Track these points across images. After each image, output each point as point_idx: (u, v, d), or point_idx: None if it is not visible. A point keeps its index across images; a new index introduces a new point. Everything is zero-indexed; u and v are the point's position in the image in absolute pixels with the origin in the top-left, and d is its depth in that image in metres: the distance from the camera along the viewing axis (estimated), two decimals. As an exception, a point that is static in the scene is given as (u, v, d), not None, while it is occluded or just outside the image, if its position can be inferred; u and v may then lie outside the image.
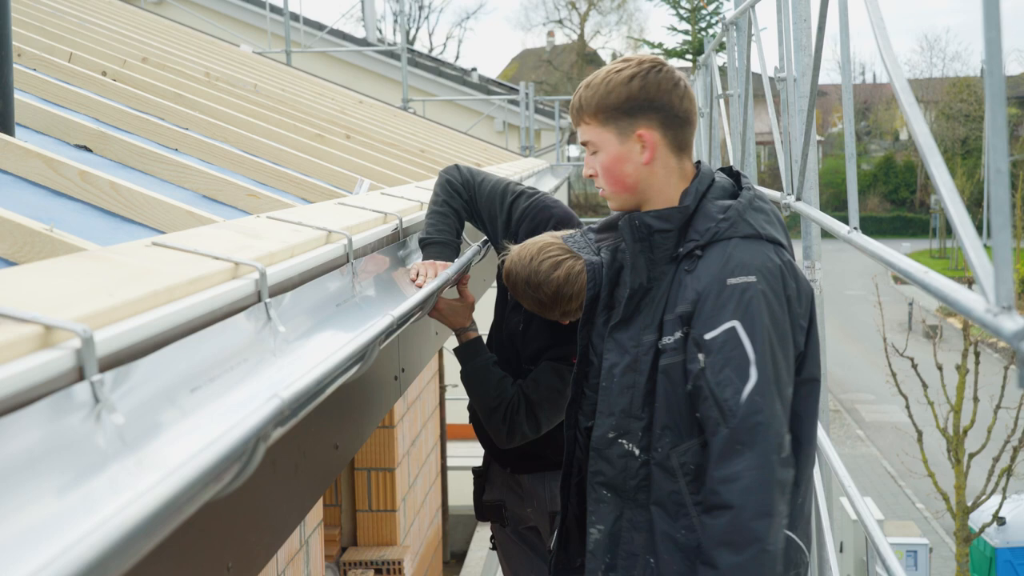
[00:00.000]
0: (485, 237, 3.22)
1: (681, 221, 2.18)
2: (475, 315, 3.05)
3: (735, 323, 2.09)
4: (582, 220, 3.11)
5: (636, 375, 2.19)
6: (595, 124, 2.23)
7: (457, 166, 3.11)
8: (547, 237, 2.81)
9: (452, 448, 8.50)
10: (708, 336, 2.09)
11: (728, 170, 2.32)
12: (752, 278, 2.11)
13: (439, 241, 2.89)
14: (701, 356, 2.10)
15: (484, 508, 3.26)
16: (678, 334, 2.14)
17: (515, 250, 2.82)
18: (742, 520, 2.03)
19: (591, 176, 2.27)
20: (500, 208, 3.01)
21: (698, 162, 2.26)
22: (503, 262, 2.87)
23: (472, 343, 2.96)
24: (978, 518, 14.13)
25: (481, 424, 3.11)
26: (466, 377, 2.96)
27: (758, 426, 2.05)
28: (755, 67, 4.76)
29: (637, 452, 2.19)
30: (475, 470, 3.31)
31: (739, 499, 2.03)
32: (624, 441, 2.20)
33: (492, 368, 2.93)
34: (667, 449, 2.15)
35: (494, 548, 3.37)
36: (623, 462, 2.20)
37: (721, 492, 2.04)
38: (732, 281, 2.11)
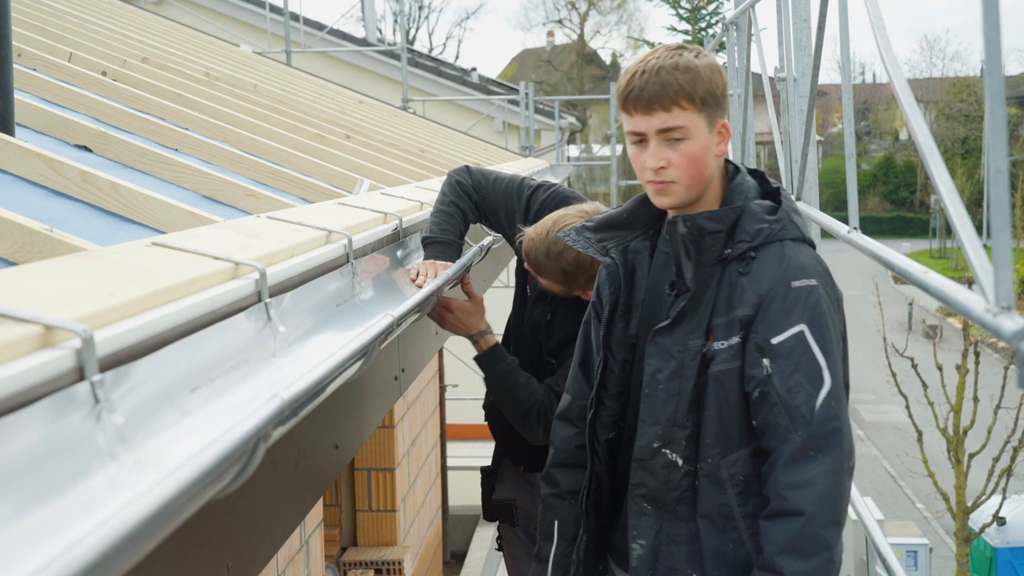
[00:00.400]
0: (486, 239, 3.23)
1: (732, 222, 2.09)
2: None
3: (803, 327, 2.02)
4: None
5: (682, 381, 2.08)
6: (692, 110, 2.04)
7: (468, 167, 3.11)
8: (559, 211, 2.81)
9: (452, 448, 8.50)
10: (776, 340, 2.02)
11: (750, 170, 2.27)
12: (814, 281, 2.07)
13: (441, 241, 2.89)
14: (766, 361, 2.02)
15: (494, 508, 3.25)
16: (735, 339, 2.05)
17: (530, 230, 2.80)
18: (814, 527, 1.97)
19: (662, 168, 2.06)
20: (518, 203, 3.03)
21: (726, 159, 2.19)
22: (521, 250, 2.86)
23: (493, 349, 2.95)
24: (978, 518, 14.13)
25: (497, 421, 3.11)
26: (493, 384, 2.94)
27: (835, 432, 2.00)
28: (755, 67, 4.77)
29: (680, 462, 2.10)
30: (484, 469, 3.29)
31: (811, 506, 1.96)
32: (668, 451, 2.11)
33: (518, 371, 2.92)
34: (717, 460, 2.07)
35: (500, 549, 3.35)
36: (666, 473, 2.11)
37: (790, 498, 1.97)
38: (796, 284, 2.05)
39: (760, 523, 2.03)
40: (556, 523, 2.36)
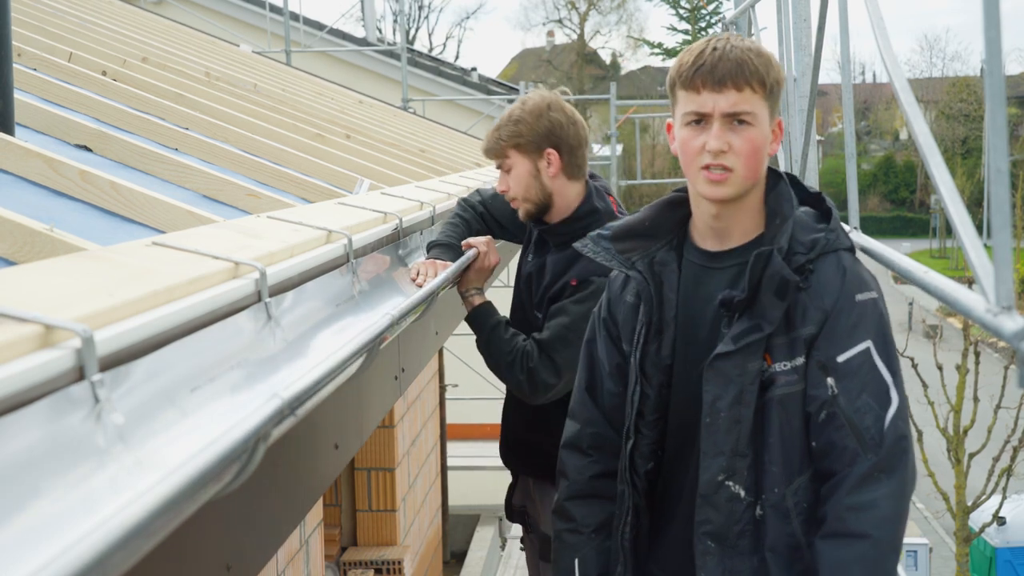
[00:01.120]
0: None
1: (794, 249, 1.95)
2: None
3: (869, 343, 1.92)
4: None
5: (742, 408, 1.93)
6: (761, 95, 1.94)
7: (478, 191, 3.28)
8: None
9: (452, 448, 8.50)
10: (841, 359, 1.91)
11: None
12: (875, 294, 1.97)
13: (442, 243, 2.98)
14: (830, 380, 1.91)
15: (512, 510, 3.29)
16: (799, 359, 1.92)
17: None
18: (880, 552, 1.87)
19: (721, 152, 1.92)
20: None
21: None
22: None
23: (482, 307, 2.97)
24: (978, 518, 14.12)
25: (510, 426, 3.14)
26: (481, 339, 2.95)
27: (903, 454, 1.90)
28: (755, 67, 4.76)
29: (743, 494, 1.95)
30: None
31: (876, 529, 1.86)
32: (731, 483, 1.96)
33: (503, 327, 2.95)
34: (783, 488, 1.94)
35: (523, 549, 3.40)
36: (729, 507, 1.96)
37: (850, 519, 1.86)
38: (860, 298, 1.94)
39: (816, 543, 1.91)
40: (576, 561, 2.19)
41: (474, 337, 3.01)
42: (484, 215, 3.18)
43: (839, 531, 1.88)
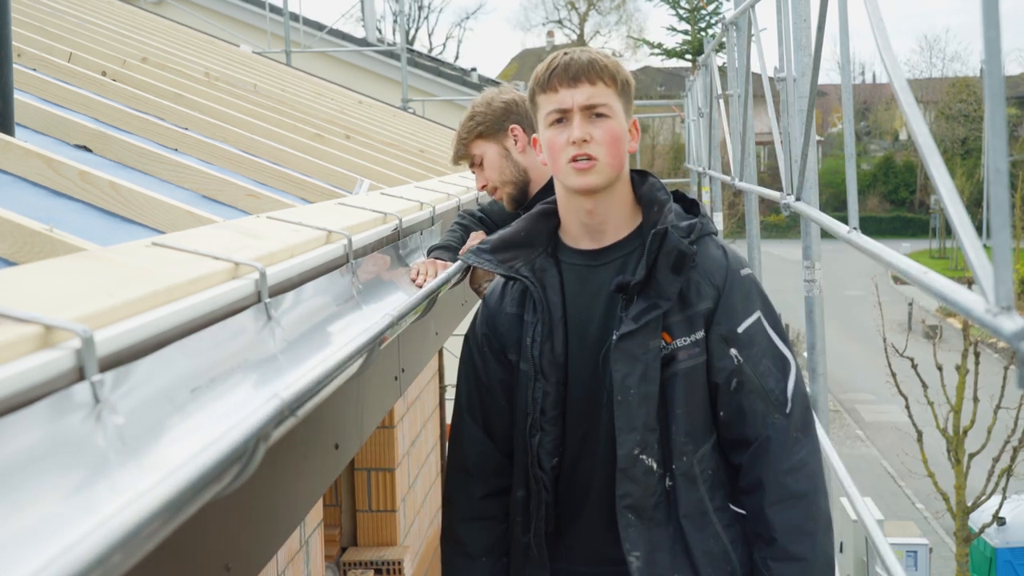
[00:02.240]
0: None
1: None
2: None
3: (759, 313, 2.11)
4: None
5: (649, 384, 2.06)
6: (614, 90, 2.10)
7: (476, 200, 3.38)
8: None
9: (452, 448, 8.49)
10: (740, 329, 2.08)
11: None
12: (750, 270, 2.17)
13: (442, 246, 2.98)
14: (734, 351, 2.07)
15: None
16: (699, 333, 2.07)
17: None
18: (818, 505, 2.05)
19: (584, 141, 2.06)
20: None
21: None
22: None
23: None
24: (978, 518, 14.13)
25: None
26: None
27: (808, 410, 2.09)
28: (755, 67, 4.77)
29: (655, 466, 2.08)
30: None
31: (809, 485, 2.05)
32: (645, 457, 2.08)
33: None
34: (691, 457, 2.09)
35: None
36: (645, 479, 2.09)
37: (790, 483, 2.04)
38: (743, 272, 2.13)
39: (764, 511, 2.06)
40: None
41: None
42: (484, 220, 3.19)
43: (783, 495, 2.04)
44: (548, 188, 2.95)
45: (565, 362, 2.15)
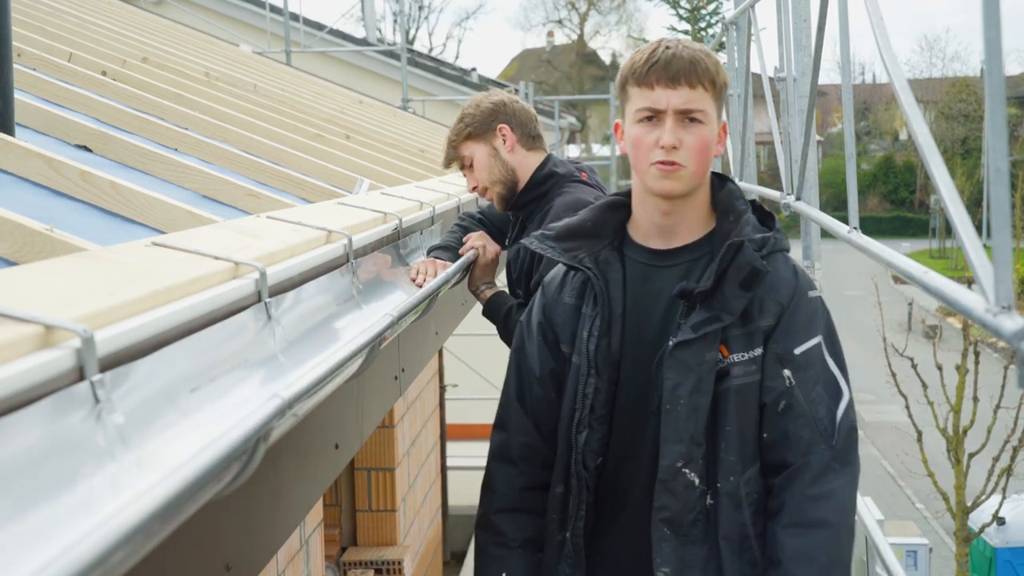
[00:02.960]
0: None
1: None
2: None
3: (820, 338, 2.02)
4: None
5: (700, 397, 1.98)
6: (711, 95, 1.99)
7: (476, 201, 3.35)
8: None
9: (452, 448, 8.50)
10: (798, 351, 1.99)
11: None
12: (819, 292, 2.08)
13: (442, 246, 3.00)
14: (787, 372, 1.99)
15: None
16: (757, 350, 1.99)
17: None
18: (840, 539, 1.95)
19: (673, 147, 1.96)
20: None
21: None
22: (515, 251, 2.93)
23: (494, 297, 2.95)
24: (978, 518, 14.12)
25: None
26: (500, 327, 2.91)
27: (854, 444, 2.00)
28: (755, 67, 4.77)
29: (697, 482, 2.00)
30: None
31: (836, 517, 1.95)
32: (688, 471, 2.00)
33: (519, 308, 2.88)
34: (738, 478, 2.00)
35: None
36: (686, 494, 2.00)
37: (810, 509, 1.95)
38: (812, 295, 2.04)
39: (776, 532, 1.97)
40: (504, 575, 2.19)
41: (473, 337, 3.02)
42: (483, 221, 3.19)
43: (800, 520, 1.95)
44: (532, 187, 2.97)
45: (619, 360, 2.08)
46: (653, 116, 1.98)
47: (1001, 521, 13.87)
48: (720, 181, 2.12)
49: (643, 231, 2.12)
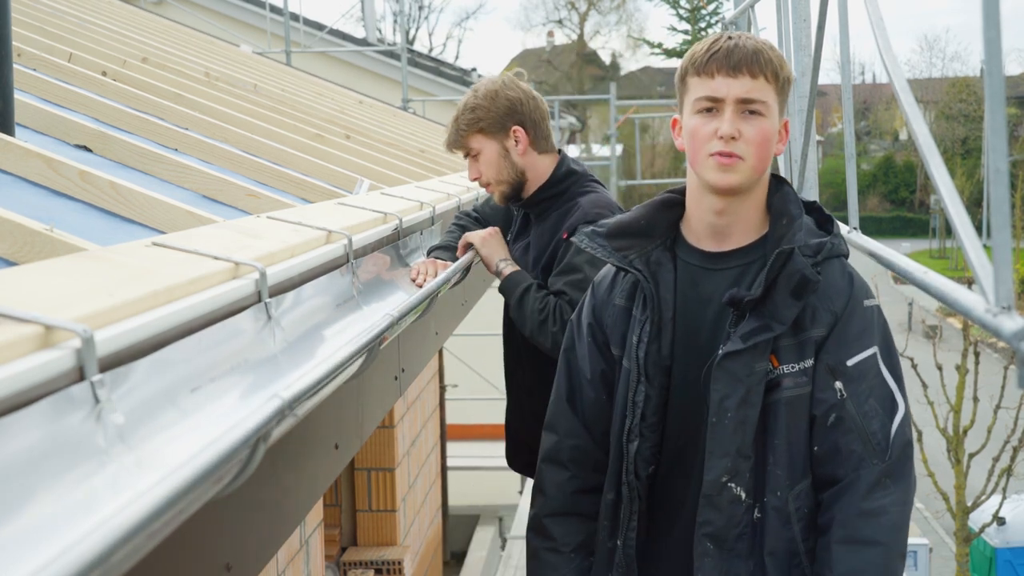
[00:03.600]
0: None
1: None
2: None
3: (875, 349, 1.93)
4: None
5: (749, 409, 1.90)
6: (774, 88, 1.93)
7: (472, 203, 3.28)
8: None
9: (452, 448, 8.50)
10: (851, 363, 1.91)
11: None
12: (877, 302, 2.00)
13: (442, 246, 2.98)
14: (839, 384, 1.91)
15: None
16: (808, 361, 1.91)
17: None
18: (890, 559, 1.87)
19: (732, 138, 1.90)
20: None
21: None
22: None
23: (513, 275, 2.85)
24: (978, 518, 14.11)
25: (520, 427, 3.09)
26: (513, 303, 2.83)
27: (908, 460, 1.92)
28: (755, 67, 4.76)
29: (743, 496, 1.93)
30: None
31: (886, 536, 1.87)
32: (733, 485, 1.93)
33: (537, 287, 2.83)
34: (786, 492, 1.93)
35: None
36: (730, 509, 1.94)
37: (862, 526, 1.87)
38: (868, 303, 1.96)
39: (825, 550, 1.90)
40: None
41: (473, 337, 3.01)
42: (480, 220, 3.18)
43: (851, 537, 1.87)
44: (549, 186, 2.93)
45: (670, 366, 2.01)
46: (712, 107, 1.92)
47: (1001, 521, 13.87)
48: (777, 183, 2.04)
49: (696, 231, 2.04)
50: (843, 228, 2.85)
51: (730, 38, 1.95)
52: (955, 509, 14.15)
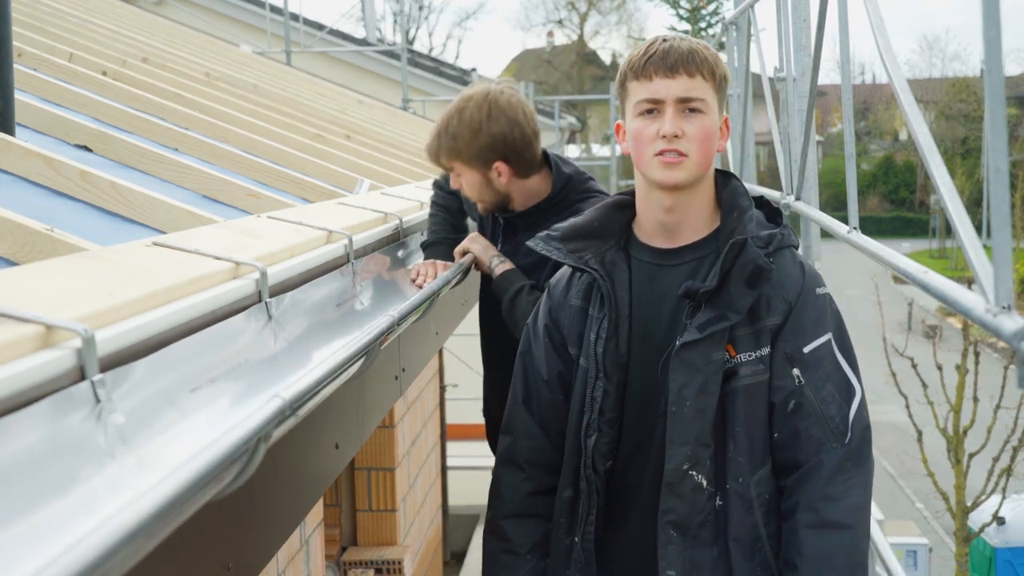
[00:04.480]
0: None
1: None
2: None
3: (830, 336, 1.99)
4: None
5: (707, 397, 1.95)
6: (711, 86, 1.98)
7: (435, 181, 3.05)
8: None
9: (452, 448, 8.50)
10: (807, 349, 1.97)
11: None
12: (828, 290, 2.04)
13: (435, 242, 2.90)
14: (796, 371, 1.96)
15: None
16: (765, 349, 1.96)
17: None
18: (856, 540, 1.93)
19: (675, 136, 1.94)
20: None
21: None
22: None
23: (508, 273, 2.77)
24: (978, 518, 14.12)
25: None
26: (506, 301, 2.75)
27: (868, 443, 1.97)
28: (755, 67, 4.76)
29: (705, 484, 1.98)
30: None
31: (852, 518, 1.93)
32: (695, 473, 1.97)
33: (530, 290, 2.74)
34: (748, 479, 1.98)
35: None
36: (693, 496, 1.98)
37: (827, 510, 1.92)
38: (820, 291, 2.02)
39: (799, 531, 1.95)
40: None
41: (473, 337, 2.97)
42: (449, 208, 3.00)
43: (819, 521, 1.93)
44: (547, 201, 2.77)
45: (627, 362, 2.06)
46: (653, 108, 1.97)
47: (1001, 521, 13.88)
48: (724, 178, 2.09)
49: (648, 230, 2.09)
50: (843, 228, 2.85)
51: (665, 40, 2.00)
52: (955, 509, 14.16)
